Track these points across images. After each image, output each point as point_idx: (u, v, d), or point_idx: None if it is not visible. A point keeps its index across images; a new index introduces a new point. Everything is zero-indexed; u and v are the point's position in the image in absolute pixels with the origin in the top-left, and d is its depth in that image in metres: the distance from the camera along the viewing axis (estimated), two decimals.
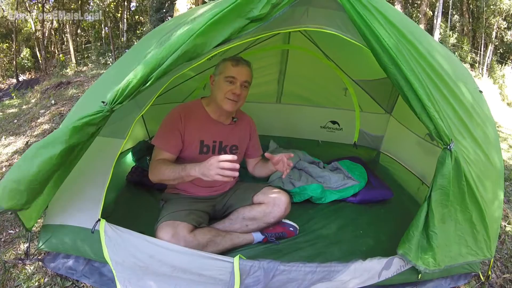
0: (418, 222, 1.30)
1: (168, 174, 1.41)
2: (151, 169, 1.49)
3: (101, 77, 1.59)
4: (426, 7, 11.36)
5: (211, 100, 1.63)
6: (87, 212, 1.35)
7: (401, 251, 1.31)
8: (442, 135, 1.17)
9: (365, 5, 1.13)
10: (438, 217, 1.27)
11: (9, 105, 6.03)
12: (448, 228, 1.31)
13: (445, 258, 1.33)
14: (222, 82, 1.53)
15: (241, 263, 1.22)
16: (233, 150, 1.69)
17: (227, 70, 1.53)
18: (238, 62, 1.54)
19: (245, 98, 1.60)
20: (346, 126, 2.99)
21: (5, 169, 2.79)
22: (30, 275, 1.45)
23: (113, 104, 1.07)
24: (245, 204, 1.64)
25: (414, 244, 1.30)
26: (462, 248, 1.37)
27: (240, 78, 1.52)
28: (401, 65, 1.13)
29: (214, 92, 1.59)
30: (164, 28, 1.47)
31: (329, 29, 1.35)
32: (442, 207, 1.26)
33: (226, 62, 1.55)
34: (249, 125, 1.80)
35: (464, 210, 1.31)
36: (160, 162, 1.47)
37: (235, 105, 1.56)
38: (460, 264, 1.40)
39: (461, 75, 1.35)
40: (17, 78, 13.16)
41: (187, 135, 1.56)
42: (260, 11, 1.11)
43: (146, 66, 1.06)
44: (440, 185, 1.23)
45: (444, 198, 1.25)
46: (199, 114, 1.62)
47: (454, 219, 1.31)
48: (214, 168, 1.24)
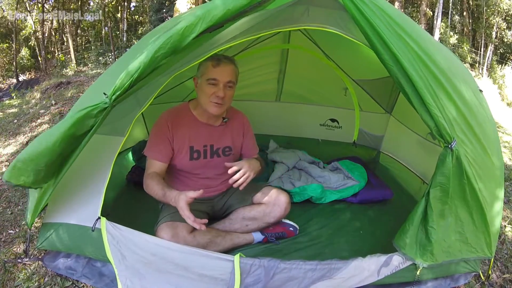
0: (414, 216, 1.32)
1: (153, 193, 1.41)
2: (144, 180, 1.47)
3: (101, 77, 1.59)
4: (426, 7, 11.36)
5: (197, 103, 1.57)
6: (86, 210, 1.35)
7: (397, 243, 1.35)
8: (444, 133, 1.17)
9: (366, 3, 1.12)
10: (436, 213, 1.27)
11: (9, 105, 6.03)
12: (447, 224, 1.32)
13: (443, 253, 1.34)
14: (205, 84, 1.46)
15: (242, 262, 1.22)
16: (226, 152, 1.64)
17: (208, 71, 1.44)
18: (219, 62, 1.44)
19: (231, 98, 1.53)
20: (345, 124, 2.99)
21: (5, 169, 2.79)
22: (30, 275, 1.45)
23: (114, 95, 1.07)
24: (245, 204, 1.63)
25: (408, 237, 1.31)
26: (461, 245, 1.37)
27: (223, 79, 1.44)
28: (403, 63, 1.12)
29: (198, 95, 1.53)
30: (163, 27, 1.46)
31: (330, 28, 1.35)
32: (441, 204, 1.27)
33: (206, 63, 1.45)
34: (242, 122, 1.72)
35: (464, 206, 1.31)
36: (150, 176, 1.45)
37: (221, 108, 1.49)
38: (459, 260, 1.41)
39: (462, 74, 1.35)
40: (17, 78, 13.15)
41: (176, 143, 1.53)
42: None
43: (143, 58, 1.05)
44: (440, 183, 1.24)
45: (443, 195, 1.26)
46: (186, 119, 1.57)
47: (454, 215, 1.32)
48: (181, 211, 1.25)
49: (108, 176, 1.35)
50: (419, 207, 1.31)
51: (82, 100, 1.45)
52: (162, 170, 1.52)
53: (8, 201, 2.21)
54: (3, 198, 2.26)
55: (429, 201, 1.27)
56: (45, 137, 1.08)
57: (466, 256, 1.40)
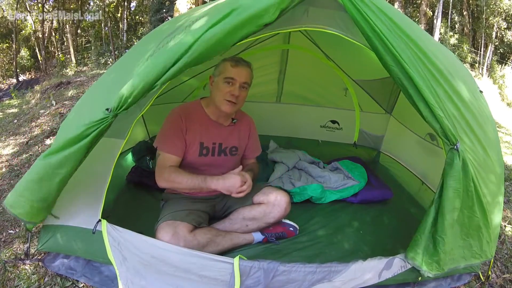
0: (424, 227, 1.28)
1: (186, 183, 1.43)
2: (160, 174, 1.47)
3: (101, 79, 1.58)
4: (426, 7, 11.36)
5: (210, 101, 1.61)
6: (87, 212, 1.35)
7: (410, 256, 1.31)
8: (449, 134, 1.16)
9: (366, 3, 1.12)
10: (448, 222, 1.23)
11: (9, 105, 6.04)
12: (454, 233, 1.29)
13: (448, 261, 1.32)
14: (221, 83, 1.51)
15: (241, 264, 1.22)
16: (232, 151, 1.68)
17: (226, 70, 1.51)
18: (238, 63, 1.51)
19: (244, 100, 1.58)
20: (346, 126, 2.99)
21: (5, 169, 2.79)
22: (30, 275, 1.45)
23: (118, 111, 1.08)
24: (245, 204, 1.63)
25: (421, 249, 1.28)
26: (466, 252, 1.35)
27: (239, 79, 1.50)
28: (404, 65, 1.12)
29: (213, 92, 1.58)
30: (164, 29, 1.46)
31: (330, 29, 1.35)
32: (453, 211, 1.22)
33: (225, 63, 1.53)
34: (249, 125, 1.78)
35: (471, 215, 1.28)
36: (172, 170, 1.46)
37: (234, 107, 1.54)
38: (462, 266, 1.39)
39: (462, 75, 1.35)
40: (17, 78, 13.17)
41: (188, 137, 1.55)
42: (270, 17, 1.10)
43: (149, 73, 1.05)
44: (451, 187, 1.19)
45: (457, 200, 1.21)
46: (198, 115, 1.61)
47: (461, 223, 1.29)
48: (237, 188, 1.42)
49: (109, 179, 1.36)
50: (429, 216, 1.27)
51: (79, 111, 1.44)
52: (177, 164, 1.54)
53: None
54: (3, 198, 2.26)
55: (440, 209, 1.23)
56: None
57: (470, 263, 1.38)
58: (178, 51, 1.05)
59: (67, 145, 1.10)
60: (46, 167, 1.12)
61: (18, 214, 1.21)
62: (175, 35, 1.14)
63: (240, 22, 1.06)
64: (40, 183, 1.14)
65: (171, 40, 1.12)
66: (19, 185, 1.20)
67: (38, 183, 1.14)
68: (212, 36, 1.05)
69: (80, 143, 1.09)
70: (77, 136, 1.09)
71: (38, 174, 1.13)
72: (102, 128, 1.09)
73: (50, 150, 1.13)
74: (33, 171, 1.15)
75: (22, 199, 1.19)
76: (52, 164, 1.11)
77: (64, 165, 1.11)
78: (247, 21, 1.07)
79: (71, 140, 1.09)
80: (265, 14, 1.08)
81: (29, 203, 1.18)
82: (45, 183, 1.13)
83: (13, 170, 2.73)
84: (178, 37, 1.11)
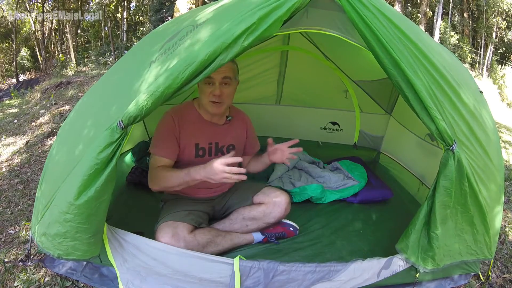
0: (416, 220, 1.31)
1: (172, 181, 1.39)
2: (151, 177, 1.45)
3: (102, 80, 1.56)
4: (426, 7, 11.36)
5: (201, 102, 1.58)
6: None
7: (399, 247, 1.35)
8: (445, 136, 1.16)
9: (366, 5, 1.11)
10: (440, 218, 1.26)
11: (9, 105, 6.04)
12: (448, 228, 1.31)
13: (443, 257, 1.34)
14: (202, 84, 1.47)
15: (241, 264, 1.23)
16: (230, 150, 1.66)
17: None
18: None
19: (231, 96, 1.52)
20: (346, 127, 2.99)
21: (5, 169, 2.79)
22: (30, 275, 1.45)
23: (130, 124, 1.11)
24: (245, 204, 1.64)
25: (411, 241, 1.31)
26: (461, 247, 1.37)
27: (217, 77, 1.43)
28: (402, 67, 1.11)
29: (200, 95, 1.55)
30: (165, 30, 1.45)
31: (329, 31, 1.35)
32: (445, 208, 1.26)
33: None
34: (244, 122, 1.74)
35: (465, 211, 1.30)
36: (160, 169, 1.44)
37: (220, 106, 1.50)
38: (459, 262, 1.41)
39: (462, 75, 1.35)
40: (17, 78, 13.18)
41: (182, 139, 1.53)
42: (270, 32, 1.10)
43: (161, 84, 1.09)
44: (443, 186, 1.22)
45: (447, 199, 1.24)
46: (192, 116, 1.58)
47: (454, 219, 1.31)
48: (220, 172, 1.26)
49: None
50: (421, 211, 1.29)
51: (83, 120, 1.38)
52: (168, 166, 1.52)
53: (8, 201, 2.21)
54: (3, 198, 2.26)
55: (433, 206, 1.25)
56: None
57: (466, 259, 1.40)
58: (187, 67, 1.06)
59: (96, 174, 1.08)
60: (89, 202, 1.09)
61: (78, 256, 1.20)
62: (183, 41, 1.13)
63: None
64: (89, 218, 1.12)
65: (178, 46, 1.12)
66: (66, 233, 1.15)
67: (87, 219, 1.12)
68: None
69: (110, 164, 1.09)
70: (103, 161, 1.07)
71: (85, 212, 1.11)
72: (117, 145, 1.09)
73: (80, 185, 1.09)
74: (75, 212, 1.11)
75: (76, 242, 1.17)
76: (94, 196, 1.09)
77: (105, 191, 1.11)
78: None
79: (97, 170, 1.08)
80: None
81: (86, 242, 1.17)
82: (93, 217, 1.12)
83: (13, 171, 2.73)
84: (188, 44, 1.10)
